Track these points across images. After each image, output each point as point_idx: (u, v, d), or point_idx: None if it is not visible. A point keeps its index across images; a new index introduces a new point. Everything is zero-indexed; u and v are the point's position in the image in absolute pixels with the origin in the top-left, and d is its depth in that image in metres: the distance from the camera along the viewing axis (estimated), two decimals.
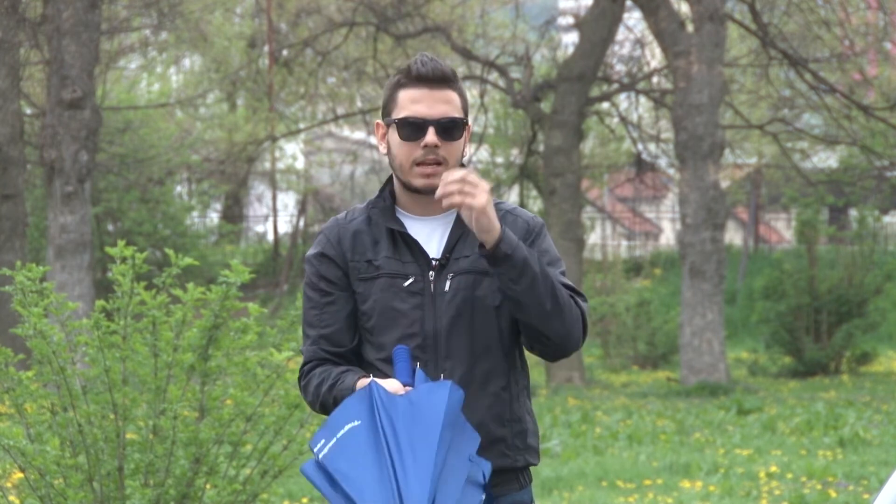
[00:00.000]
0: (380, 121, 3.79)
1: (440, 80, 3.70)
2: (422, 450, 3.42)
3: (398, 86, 3.72)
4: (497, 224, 3.57)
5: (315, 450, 3.50)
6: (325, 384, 3.71)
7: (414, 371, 3.59)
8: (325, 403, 3.71)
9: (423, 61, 3.70)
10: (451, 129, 3.69)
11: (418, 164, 3.69)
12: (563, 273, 3.76)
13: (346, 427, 3.48)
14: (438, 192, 3.57)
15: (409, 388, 3.54)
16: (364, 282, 3.74)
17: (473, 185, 3.54)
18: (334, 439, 3.48)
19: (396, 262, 3.72)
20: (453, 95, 3.71)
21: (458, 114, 3.71)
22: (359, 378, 3.65)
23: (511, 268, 3.59)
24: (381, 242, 3.75)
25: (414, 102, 3.69)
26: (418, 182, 3.70)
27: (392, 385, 3.55)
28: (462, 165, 3.82)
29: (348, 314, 3.76)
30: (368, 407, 3.48)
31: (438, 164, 3.69)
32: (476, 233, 3.58)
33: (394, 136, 3.72)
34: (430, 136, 3.67)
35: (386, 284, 3.71)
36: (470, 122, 3.83)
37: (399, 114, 3.70)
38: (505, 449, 3.72)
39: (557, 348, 3.68)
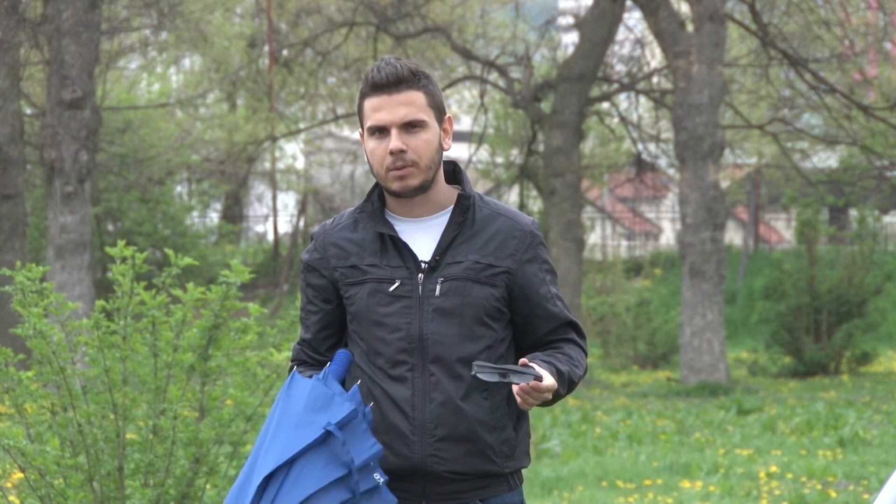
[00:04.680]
0: (361, 130, 3.80)
1: (397, 83, 3.67)
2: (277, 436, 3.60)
3: (362, 96, 3.72)
4: (553, 385, 3.60)
5: None
6: None
7: (340, 379, 3.70)
8: None
9: (380, 67, 3.69)
10: (415, 130, 3.68)
11: (390, 169, 3.68)
12: (556, 286, 3.80)
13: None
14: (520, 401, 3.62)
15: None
16: (352, 286, 3.75)
17: (538, 394, 3.58)
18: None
19: (383, 267, 3.72)
20: (415, 95, 3.68)
21: (422, 114, 3.68)
22: None
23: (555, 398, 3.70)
24: (367, 247, 3.75)
25: (375, 111, 3.68)
26: (394, 186, 3.69)
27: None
28: (456, 165, 3.83)
29: (325, 326, 3.82)
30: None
31: (410, 165, 3.68)
32: None
33: (367, 144, 3.72)
34: (395, 141, 3.66)
35: (372, 290, 3.72)
36: (448, 114, 3.81)
37: (366, 124, 3.71)
38: (493, 455, 3.71)
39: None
